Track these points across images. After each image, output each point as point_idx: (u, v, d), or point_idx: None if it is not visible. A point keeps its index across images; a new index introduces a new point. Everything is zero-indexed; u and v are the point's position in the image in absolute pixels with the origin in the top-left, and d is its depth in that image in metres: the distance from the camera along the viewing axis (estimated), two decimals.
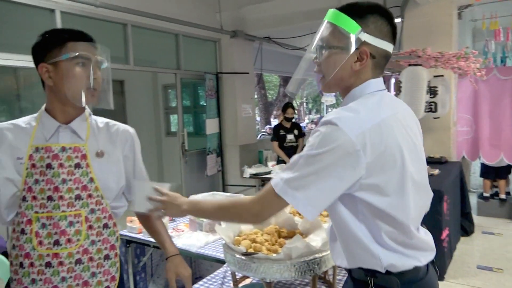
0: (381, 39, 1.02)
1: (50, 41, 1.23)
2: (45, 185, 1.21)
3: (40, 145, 1.23)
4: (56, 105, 1.27)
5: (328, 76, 1.05)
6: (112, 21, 4.41)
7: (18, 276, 1.22)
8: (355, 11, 1.01)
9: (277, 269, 1.28)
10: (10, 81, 4.14)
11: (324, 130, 0.94)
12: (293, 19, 5.50)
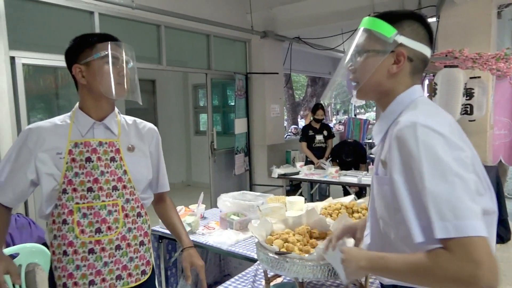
0: (418, 41, 1.01)
1: (81, 44, 1.34)
2: (85, 177, 1.30)
3: (79, 141, 1.32)
4: (90, 102, 1.36)
5: (363, 80, 1.03)
6: (146, 22, 4.53)
7: (62, 264, 1.29)
8: (389, 17, 1.02)
9: (310, 269, 1.29)
10: (49, 80, 4.33)
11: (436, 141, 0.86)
12: (323, 19, 5.46)
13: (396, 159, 0.90)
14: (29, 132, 1.32)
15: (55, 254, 1.31)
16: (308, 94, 14.73)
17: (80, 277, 1.29)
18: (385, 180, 0.97)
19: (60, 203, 1.29)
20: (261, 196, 2.64)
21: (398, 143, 0.90)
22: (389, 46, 0.99)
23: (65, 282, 1.28)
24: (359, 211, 1.92)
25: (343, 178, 4.33)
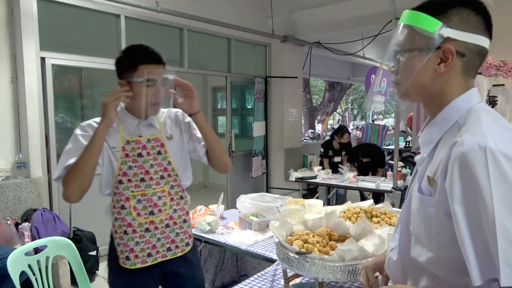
0: (469, 32, 0.84)
1: (125, 63, 1.49)
2: (137, 170, 1.52)
3: (130, 139, 1.53)
4: (131, 108, 1.55)
5: (406, 82, 0.89)
6: (170, 25, 4.64)
7: (123, 241, 1.53)
8: (433, 6, 0.86)
9: (330, 270, 1.31)
10: (73, 80, 4.47)
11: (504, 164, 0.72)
12: (344, 24, 5.47)
13: (457, 188, 0.75)
14: (88, 126, 1.52)
15: (116, 233, 1.54)
16: (325, 99, 14.68)
17: (139, 251, 1.53)
18: (431, 202, 0.83)
19: (117, 191, 1.52)
20: (279, 198, 2.67)
21: (461, 169, 0.75)
22: (433, 43, 0.84)
23: (128, 255, 1.52)
24: (378, 215, 1.93)
25: (360, 183, 4.32)
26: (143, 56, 1.47)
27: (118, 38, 4.14)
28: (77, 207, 3.74)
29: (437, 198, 0.82)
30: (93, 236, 3.62)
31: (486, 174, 0.72)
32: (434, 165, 0.85)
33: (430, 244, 0.85)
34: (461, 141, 0.77)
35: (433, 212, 0.83)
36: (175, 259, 1.60)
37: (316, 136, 12.30)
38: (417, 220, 0.89)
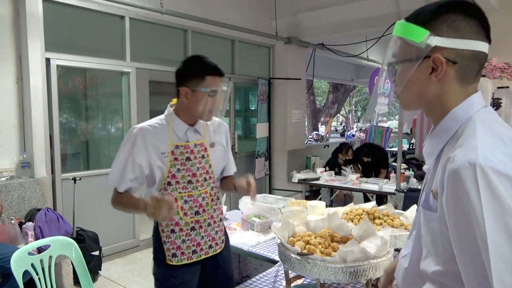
0: (459, 38, 0.81)
1: (193, 71, 1.58)
2: (185, 172, 1.63)
3: (179, 144, 1.63)
4: (185, 113, 1.65)
5: (402, 93, 0.90)
6: (174, 27, 4.66)
7: (171, 239, 1.63)
8: (421, 16, 0.85)
9: (332, 271, 1.31)
10: (77, 81, 4.50)
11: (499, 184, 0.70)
12: (348, 26, 5.47)
13: (451, 204, 0.75)
14: (138, 133, 1.59)
15: (164, 232, 1.64)
16: (329, 101, 14.68)
17: (185, 248, 1.65)
18: (434, 217, 0.82)
19: (166, 192, 1.61)
20: (282, 200, 2.67)
21: (453, 185, 0.74)
22: (421, 52, 0.83)
23: (174, 252, 1.63)
24: (380, 217, 1.92)
25: (363, 185, 4.31)
26: (211, 69, 1.58)
27: (123, 39, 4.16)
28: (81, 207, 3.76)
29: (439, 213, 0.80)
30: (96, 236, 3.63)
31: (476, 191, 0.70)
32: (437, 179, 0.82)
33: (437, 258, 0.83)
34: (453, 156, 0.75)
35: (437, 228, 0.81)
36: (214, 254, 1.73)
37: (320, 138, 12.29)
38: (424, 235, 0.87)
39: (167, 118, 1.65)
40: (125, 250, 4.23)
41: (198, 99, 1.57)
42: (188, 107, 1.60)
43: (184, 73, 1.60)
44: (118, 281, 3.51)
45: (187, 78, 1.58)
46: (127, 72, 4.23)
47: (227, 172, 1.87)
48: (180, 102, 1.63)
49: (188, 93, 1.58)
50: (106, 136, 4.65)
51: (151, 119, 1.68)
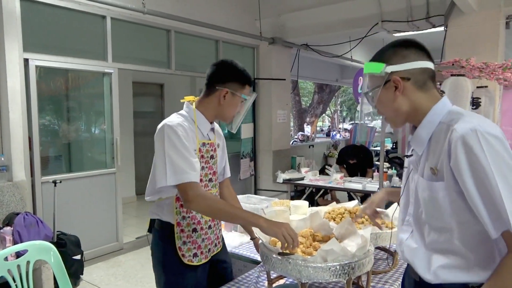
0: (404, 62, 1.13)
1: (237, 77, 1.63)
2: (208, 170, 1.66)
3: (206, 141, 1.66)
4: (211, 112, 1.67)
5: (388, 114, 1.20)
6: (157, 27, 4.61)
7: (192, 239, 1.63)
8: (377, 55, 1.19)
9: (313, 270, 1.31)
10: (59, 82, 4.41)
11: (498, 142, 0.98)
12: (332, 27, 5.51)
13: (463, 163, 0.99)
14: (177, 126, 1.54)
15: (184, 232, 1.62)
16: (314, 101, 14.74)
17: (204, 247, 1.67)
18: (441, 186, 1.05)
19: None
20: (265, 200, 2.67)
21: (463, 148, 0.99)
22: (383, 78, 1.14)
23: (196, 252, 1.63)
24: (362, 216, 1.93)
25: (347, 184, 4.34)
26: (249, 79, 1.67)
27: (104, 39, 4.10)
28: (62, 211, 3.68)
29: (445, 182, 1.04)
30: (77, 240, 3.57)
31: (481, 149, 0.97)
32: (434, 158, 1.09)
33: (449, 223, 1.06)
34: (456, 129, 1.01)
35: (445, 196, 1.05)
36: (220, 249, 1.80)
37: (305, 138, 12.34)
38: (431, 210, 1.10)
39: (190, 115, 1.64)
40: (108, 253, 4.17)
41: (233, 103, 1.64)
42: (221, 107, 1.63)
43: (227, 75, 1.62)
44: (100, 285, 3.45)
45: (229, 80, 1.61)
46: (109, 73, 4.17)
47: (226, 174, 1.90)
48: (212, 101, 1.64)
49: (228, 95, 1.61)
50: (89, 138, 4.57)
51: (173, 117, 1.62)
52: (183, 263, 1.60)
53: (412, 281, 1.23)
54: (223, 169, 1.87)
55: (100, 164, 4.35)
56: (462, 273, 1.07)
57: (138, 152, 6.88)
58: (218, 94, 1.62)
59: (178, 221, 1.60)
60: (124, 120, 5.74)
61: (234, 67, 1.64)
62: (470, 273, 1.06)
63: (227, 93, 1.61)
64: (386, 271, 1.78)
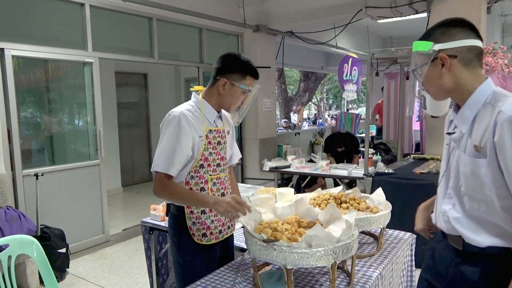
0: (451, 41, 1.21)
1: (237, 68, 1.70)
2: (216, 156, 1.76)
3: (213, 128, 1.75)
4: (214, 101, 1.76)
5: (432, 89, 1.29)
6: (138, 15, 4.51)
7: (201, 220, 1.74)
8: (426, 34, 1.28)
9: (298, 256, 1.31)
10: (39, 73, 4.29)
11: None
12: (316, 13, 5.47)
13: (509, 142, 1.08)
14: (181, 116, 1.65)
15: (193, 213, 1.73)
16: (300, 89, 14.74)
17: (214, 228, 1.77)
18: (484, 163, 1.14)
19: (197, 175, 1.72)
20: (251, 188, 2.66)
21: (509, 127, 1.07)
22: (430, 56, 1.23)
23: (205, 232, 1.74)
24: (347, 201, 1.94)
25: (333, 171, 4.37)
26: (252, 70, 1.72)
27: (84, 28, 3.99)
28: (45, 204, 3.62)
29: (488, 158, 1.13)
30: (62, 233, 3.52)
31: None
32: (477, 136, 1.17)
33: (488, 196, 1.15)
34: (504, 110, 1.10)
35: (487, 171, 1.14)
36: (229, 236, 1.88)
37: (291, 126, 12.36)
38: (471, 183, 1.19)
39: (197, 104, 1.74)
40: (94, 246, 4.13)
41: (233, 93, 1.71)
42: (222, 97, 1.73)
43: (228, 66, 1.70)
44: (87, 278, 3.42)
45: (229, 71, 1.69)
46: (89, 62, 4.07)
47: (232, 161, 2.00)
48: (214, 91, 1.74)
49: (227, 85, 1.70)
50: (71, 130, 4.48)
51: (181, 106, 1.73)
52: (195, 243, 1.73)
53: (451, 251, 1.30)
54: (231, 156, 1.96)
55: (84, 156, 4.28)
56: (504, 238, 1.16)
57: (123, 144, 6.79)
58: (220, 85, 1.71)
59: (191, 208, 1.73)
60: (107, 111, 5.65)
61: (236, 58, 1.72)
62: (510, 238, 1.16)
63: (225, 83, 1.70)
64: (371, 255, 1.80)
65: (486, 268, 1.20)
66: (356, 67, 5.58)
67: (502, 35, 7.77)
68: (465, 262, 1.25)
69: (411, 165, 4.25)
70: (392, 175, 3.68)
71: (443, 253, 1.35)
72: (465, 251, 1.25)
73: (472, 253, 1.23)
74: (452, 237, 1.29)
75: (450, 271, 1.30)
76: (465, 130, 1.23)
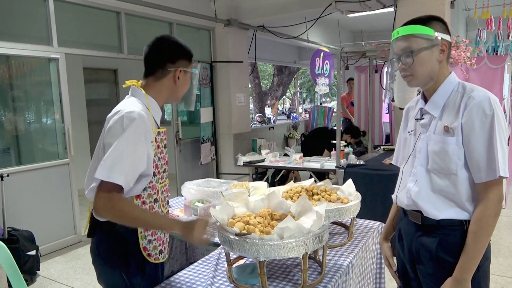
0: (445, 34, 1.35)
1: (184, 52, 1.53)
2: (162, 160, 1.53)
3: (160, 130, 1.52)
4: (165, 95, 1.54)
5: (421, 71, 1.34)
6: (105, 9, 4.39)
7: (157, 236, 1.52)
8: (422, 21, 1.35)
9: (270, 248, 1.33)
10: (2, 69, 4.11)
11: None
12: (287, 7, 5.50)
13: (478, 123, 1.25)
14: (139, 119, 1.36)
15: (148, 230, 1.48)
16: (274, 84, 14.80)
17: (165, 241, 1.57)
18: (453, 141, 1.30)
19: (150, 185, 1.47)
20: (225, 183, 2.67)
21: (480, 111, 1.25)
22: (434, 42, 1.32)
23: (161, 249, 1.53)
24: (318, 193, 1.98)
25: (306, 164, 4.43)
26: (190, 51, 1.56)
27: (48, 23, 3.85)
28: (13, 206, 3.49)
29: (456, 136, 1.30)
30: (31, 235, 3.41)
31: (492, 113, 1.25)
32: (448, 119, 1.33)
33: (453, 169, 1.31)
34: (474, 96, 1.28)
35: (454, 148, 1.30)
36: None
37: (266, 120, 12.39)
38: (439, 160, 1.34)
39: (144, 101, 1.47)
40: (66, 247, 4.03)
41: (187, 81, 1.56)
42: (176, 88, 1.53)
43: (176, 54, 1.50)
44: (59, 280, 3.34)
45: (179, 58, 1.51)
46: (55, 58, 3.94)
47: None
48: (165, 84, 1.51)
49: (181, 73, 1.51)
50: (38, 129, 4.32)
51: (132, 104, 1.42)
52: (149, 264, 1.49)
53: (412, 227, 1.46)
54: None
55: (52, 155, 4.15)
56: (458, 210, 1.33)
57: (94, 141, 6.61)
58: (172, 75, 1.51)
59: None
60: (76, 109, 5.49)
61: (178, 43, 1.53)
62: (464, 210, 1.32)
63: (180, 72, 1.51)
64: (342, 244, 1.85)
65: (443, 238, 1.35)
66: (328, 61, 5.65)
67: (466, 29, 8.06)
68: (424, 234, 1.41)
69: (381, 156, 4.37)
70: (363, 166, 3.77)
71: (406, 229, 1.50)
72: (423, 224, 1.40)
73: (430, 226, 1.38)
74: (412, 213, 1.44)
75: (413, 244, 1.45)
76: (437, 115, 1.38)
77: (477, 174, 1.28)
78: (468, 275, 1.28)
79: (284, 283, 1.51)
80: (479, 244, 1.27)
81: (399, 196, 1.50)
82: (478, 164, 1.27)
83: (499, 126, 1.25)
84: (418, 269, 1.46)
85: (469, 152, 1.28)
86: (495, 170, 1.24)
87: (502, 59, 4.49)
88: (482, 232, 1.27)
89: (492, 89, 4.55)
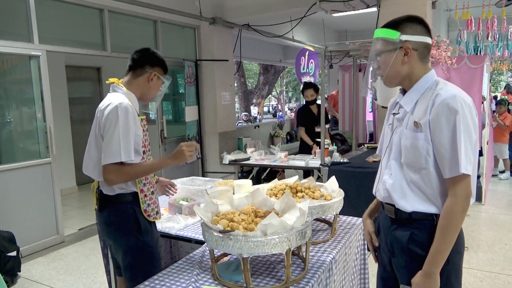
0: (416, 35, 1.38)
1: (162, 63, 1.91)
2: (146, 142, 1.89)
3: (142, 117, 1.86)
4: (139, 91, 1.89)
5: (385, 73, 1.42)
6: (88, 5, 4.33)
7: (153, 200, 1.91)
8: (393, 23, 1.41)
9: (253, 245, 1.34)
10: None
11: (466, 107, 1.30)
12: (271, 6, 5.51)
13: (443, 120, 1.29)
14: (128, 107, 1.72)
15: (146, 196, 1.86)
16: (260, 82, 14.81)
17: (158, 203, 1.97)
18: (421, 136, 1.34)
19: (143, 161, 1.84)
20: (210, 181, 2.67)
21: (444, 108, 1.28)
22: (397, 45, 1.38)
23: (157, 210, 1.93)
24: (302, 190, 2.00)
25: (291, 162, 4.46)
26: (167, 68, 1.95)
27: (28, 18, 3.77)
28: None
29: (424, 132, 1.34)
30: (11, 236, 3.34)
31: (457, 111, 1.27)
32: (418, 114, 1.37)
33: (423, 164, 1.35)
34: (441, 94, 1.31)
35: (423, 143, 1.34)
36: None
37: (252, 119, 12.40)
38: (410, 155, 1.38)
39: (126, 95, 1.80)
40: (48, 247, 3.96)
41: (157, 86, 1.91)
42: (148, 87, 1.88)
43: (155, 60, 1.88)
44: (41, 281, 3.28)
45: (156, 65, 1.88)
46: (35, 55, 3.86)
47: None
48: (140, 82, 1.87)
49: (155, 77, 1.87)
50: (19, 127, 4.24)
51: (115, 96, 1.78)
52: (149, 223, 1.86)
53: (388, 220, 1.50)
54: None
55: (33, 155, 4.07)
56: (429, 204, 1.37)
57: (76, 140, 6.51)
58: (148, 76, 1.86)
59: (141, 188, 1.83)
60: (58, 107, 5.39)
61: (157, 54, 1.91)
62: (434, 204, 1.36)
63: (155, 75, 1.87)
64: (325, 241, 1.88)
65: (414, 232, 1.39)
66: (313, 60, 5.70)
67: (447, 29, 8.22)
68: (398, 228, 1.45)
69: (365, 154, 4.43)
70: (347, 164, 3.82)
71: (384, 223, 1.54)
72: (397, 218, 1.44)
73: (403, 220, 1.42)
74: (387, 207, 1.48)
75: (388, 238, 1.49)
76: (409, 109, 1.42)
77: (443, 170, 1.31)
78: (437, 269, 1.31)
79: (268, 279, 1.52)
80: (447, 239, 1.30)
81: (378, 188, 1.54)
82: (443, 160, 1.30)
83: (464, 124, 1.27)
84: (393, 262, 1.49)
85: (436, 148, 1.32)
86: (458, 166, 1.26)
87: (482, 59, 4.60)
88: (450, 227, 1.29)
89: (472, 88, 4.66)
